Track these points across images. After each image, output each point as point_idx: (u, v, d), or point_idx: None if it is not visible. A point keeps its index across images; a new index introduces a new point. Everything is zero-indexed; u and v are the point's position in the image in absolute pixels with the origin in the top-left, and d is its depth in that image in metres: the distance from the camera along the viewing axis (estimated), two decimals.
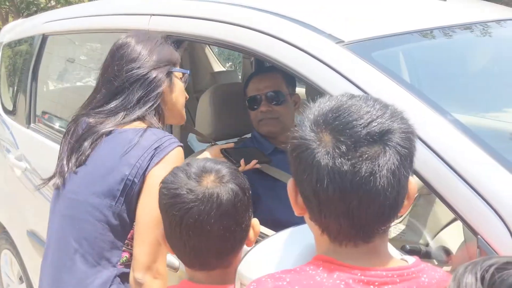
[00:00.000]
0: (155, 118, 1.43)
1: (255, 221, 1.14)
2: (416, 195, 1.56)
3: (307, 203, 0.83)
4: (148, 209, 1.31)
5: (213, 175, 1.07)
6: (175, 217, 1.06)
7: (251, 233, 1.13)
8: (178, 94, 1.51)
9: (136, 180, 1.33)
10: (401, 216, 1.54)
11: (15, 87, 3.02)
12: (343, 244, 0.82)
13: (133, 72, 1.42)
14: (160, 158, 1.33)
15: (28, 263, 2.66)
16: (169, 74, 1.47)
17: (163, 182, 1.11)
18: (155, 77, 1.43)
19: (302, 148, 0.80)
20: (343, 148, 0.77)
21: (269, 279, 0.81)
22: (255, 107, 1.95)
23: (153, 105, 1.42)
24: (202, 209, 1.04)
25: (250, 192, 1.12)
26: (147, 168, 1.33)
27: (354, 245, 0.82)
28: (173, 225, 1.07)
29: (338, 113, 0.80)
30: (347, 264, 0.80)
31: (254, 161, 1.77)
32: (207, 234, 1.05)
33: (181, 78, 1.53)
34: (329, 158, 0.77)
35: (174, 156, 1.35)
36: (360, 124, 0.78)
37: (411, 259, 0.86)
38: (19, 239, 2.70)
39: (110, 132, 1.40)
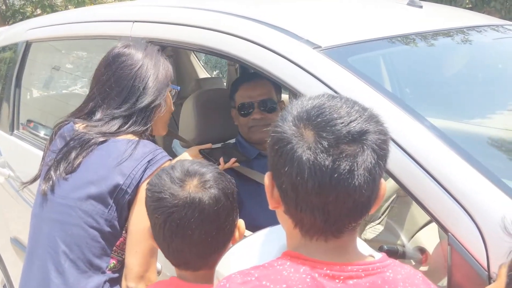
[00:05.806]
0: (145, 132, 1.46)
1: (240, 222, 1.16)
2: (393, 197, 1.59)
3: (284, 197, 0.85)
4: (141, 220, 1.33)
5: (196, 179, 1.08)
6: (158, 220, 1.08)
7: (237, 234, 1.15)
8: (166, 109, 1.54)
9: (129, 190, 1.36)
10: (372, 215, 1.56)
11: None
12: (314, 238, 0.84)
13: (137, 98, 1.44)
14: (153, 170, 1.37)
15: (11, 271, 2.64)
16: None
17: (149, 184, 1.13)
18: (156, 103, 1.46)
19: (283, 142, 0.82)
20: (325, 144, 0.79)
21: (238, 275, 0.83)
22: (247, 114, 1.96)
23: (148, 127, 1.46)
24: (183, 215, 1.06)
25: (235, 195, 1.13)
26: (140, 179, 1.36)
27: (325, 239, 0.84)
28: (157, 227, 1.10)
29: (320, 111, 0.82)
30: (314, 259, 0.82)
31: (233, 159, 1.79)
32: (189, 238, 1.07)
33: (170, 91, 1.56)
34: (310, 153, 0.79)
35: None
36: (342, 123, 0.80)
37: (378, 255, 0.88)
38: (3, 246, 2.68)
39: (103, 141, 1.42)
